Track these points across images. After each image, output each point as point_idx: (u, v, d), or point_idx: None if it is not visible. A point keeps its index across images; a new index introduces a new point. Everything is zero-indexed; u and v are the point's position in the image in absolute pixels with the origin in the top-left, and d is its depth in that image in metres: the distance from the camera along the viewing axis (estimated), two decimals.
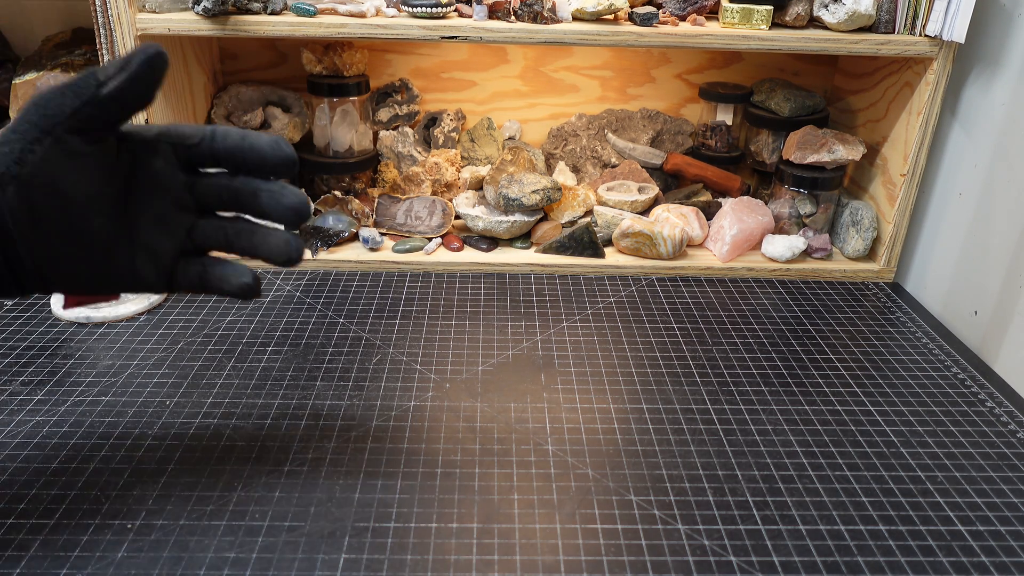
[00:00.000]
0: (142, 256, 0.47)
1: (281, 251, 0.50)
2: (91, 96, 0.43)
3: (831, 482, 0.57)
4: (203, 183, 0.49)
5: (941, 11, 0.78)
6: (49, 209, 0.43)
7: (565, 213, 0.94)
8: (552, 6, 0.81)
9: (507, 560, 0.49)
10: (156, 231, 0.48)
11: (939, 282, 0.86)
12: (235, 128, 0.48)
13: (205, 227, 0.50)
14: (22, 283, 0.45)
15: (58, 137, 0.43)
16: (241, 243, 0.50)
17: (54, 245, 0.44)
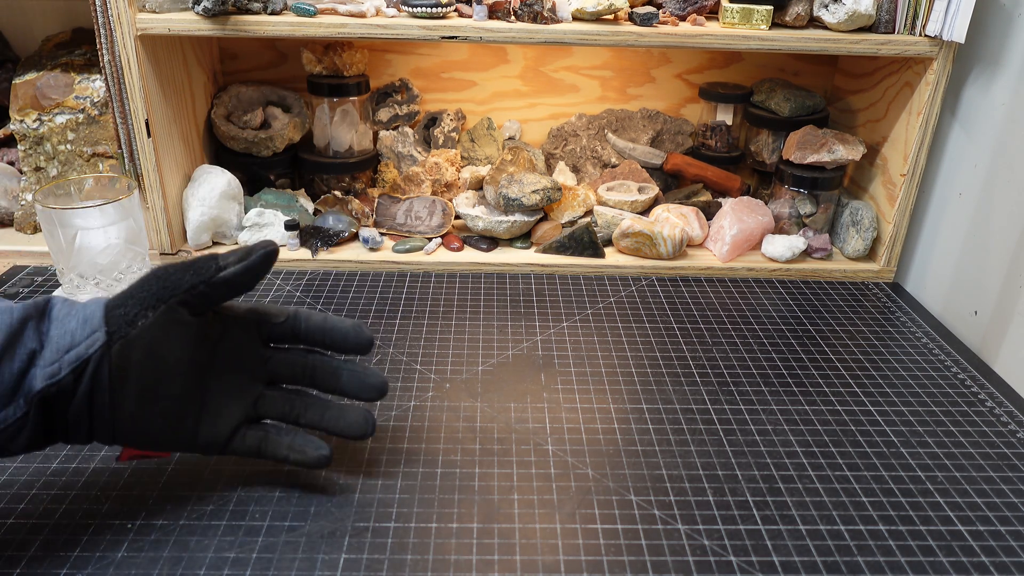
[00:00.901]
0: (208, 421, 0.51)
1: (359, 427, 0.55)
2: (209, 276, 0.49)
3: (831, 482, 0.57)
4: (279, 358, 0.54)
5: (941, 11, 0.78)
6: (143, 368, 0.48)
7: (565, 213, 0.94)
8: (552, 6, 0.81)
9: (507, 560, 0.49)
10: (227, 399, 0.52)
11: (939, 282, 0.86)
12: (316, 312, 0.54)
13: (271, 398, 0.54)
14: (92, 433, 0.48)
15: (170, 306, 0.48)
16: (309, 416, 0.54)
17: (136, 401, 0.48)
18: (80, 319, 0.47)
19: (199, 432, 0.51)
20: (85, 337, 0.46)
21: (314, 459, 0.53)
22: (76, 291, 0.75)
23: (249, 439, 0.53)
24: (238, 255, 0.50)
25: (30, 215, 0.92)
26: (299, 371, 0.55)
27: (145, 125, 0.81)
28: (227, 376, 0.52)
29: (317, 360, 0.55)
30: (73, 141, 0.91)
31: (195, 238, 0.88)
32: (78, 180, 0.77)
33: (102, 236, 0.74)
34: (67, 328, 0.46)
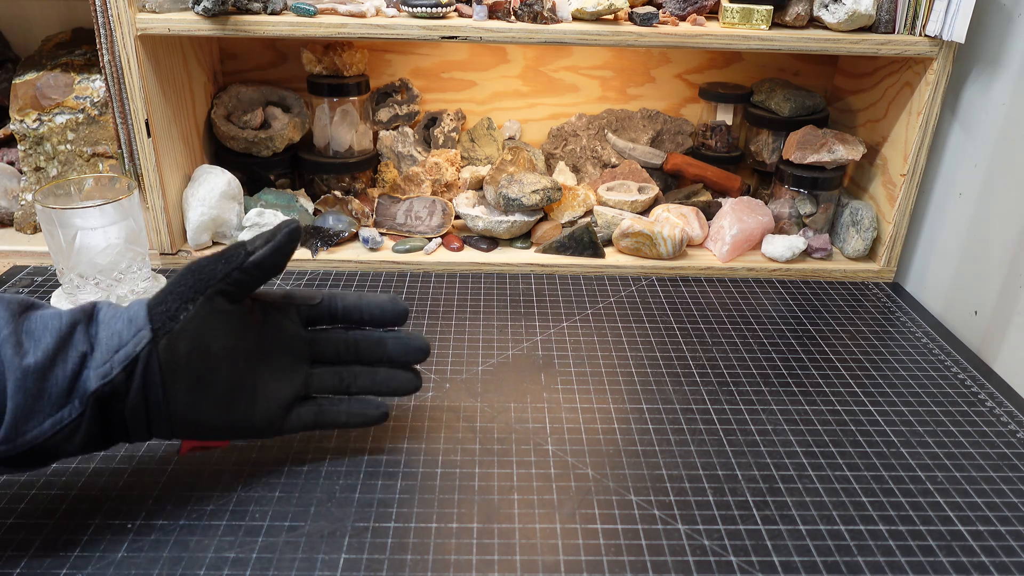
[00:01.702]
0: (261, 404, 0.53)
1: (412, 382, 0.58)
2: (240, 262, 0.51)
3: (831, 482, 0.57)
4: (322, 338, 0.57)
5: (941, 11, 0.78)
6: (191, 359, 0.49)
7: (565, 213, 0.94)
8: (552, 6, 0.81)
9: (507, 560, 0.49)
10: (277, 381, 0.54)
11: (939, 282, 0.86)
12: (349, 291, 0.57)
13: (320, 375, 0.56)
14: (151, 429, 0.50)
15: (208, 297, 0.50)
16: (360, 383, 0.57)
17: (188, 392, 0.49)
18: (125, 320, 0.48)
19: (255, 416, 0.53)
20: (132, 336, 0.47)
21: (377, 416, 0.57)
22: (76, 291, 0.75)
23: (304, 415, 0.55)
24: (264, 238, 0.52)
25: (30, 215, 0.92)
26: (343, 347, 0.57)
27: (145, 125, 0.81)
28: (274, 359, 0.54)
29: (359, 335, 0.57)
30: (73, 141, 0.91)
31: (195, 238, 0.88)
32: (78, 180, 0.77)
33: (102, 236, 0.74)
34: (114, 329, 0.48)
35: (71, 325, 0.47)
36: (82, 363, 0.46)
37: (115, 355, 0.47)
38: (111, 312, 0.49)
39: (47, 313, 0.48)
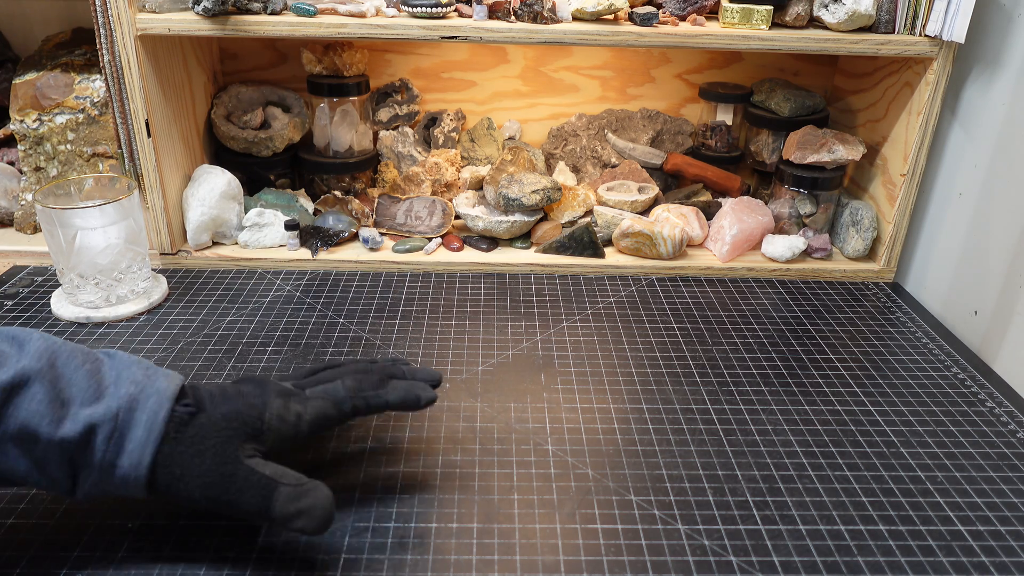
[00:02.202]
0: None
1: (434, 375, 0.58)
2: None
3: (831, 482, 0.57)
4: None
5: (941, 11, 0.78)
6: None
7: (565, 213, 0.94)
8: (552, 6, 0.81)
9: (507, 560, 0.49)
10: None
11: (939, 282, 0.86)
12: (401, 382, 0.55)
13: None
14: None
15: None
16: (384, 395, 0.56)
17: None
18: (120, 478, 0.46)
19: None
20: (126, 491, 0.47)
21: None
22: (76, 291, 0.76)
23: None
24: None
25: (30, 215, 0.92)
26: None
27: (145, 125, 0.81)
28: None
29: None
30: (73, 141, 0.91)
31: (195, 238, 0.88)
32: (78, 180, 0.77)
33: (102, 236, 0.74)
34: (110, 481, 0.46)
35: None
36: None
37: (105, 494, 0.47)
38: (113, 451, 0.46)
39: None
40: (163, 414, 0.46)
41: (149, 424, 0.46)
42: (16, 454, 0.45)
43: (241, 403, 0.49)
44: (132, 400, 0.46)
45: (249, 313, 0.78)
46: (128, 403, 0.46)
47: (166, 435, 0.46)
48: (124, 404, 0.46)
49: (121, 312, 0.76)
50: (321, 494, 0.47)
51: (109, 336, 0.73)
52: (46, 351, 0.46)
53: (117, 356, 0.49)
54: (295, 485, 0.47)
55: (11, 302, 0.79)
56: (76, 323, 0.75)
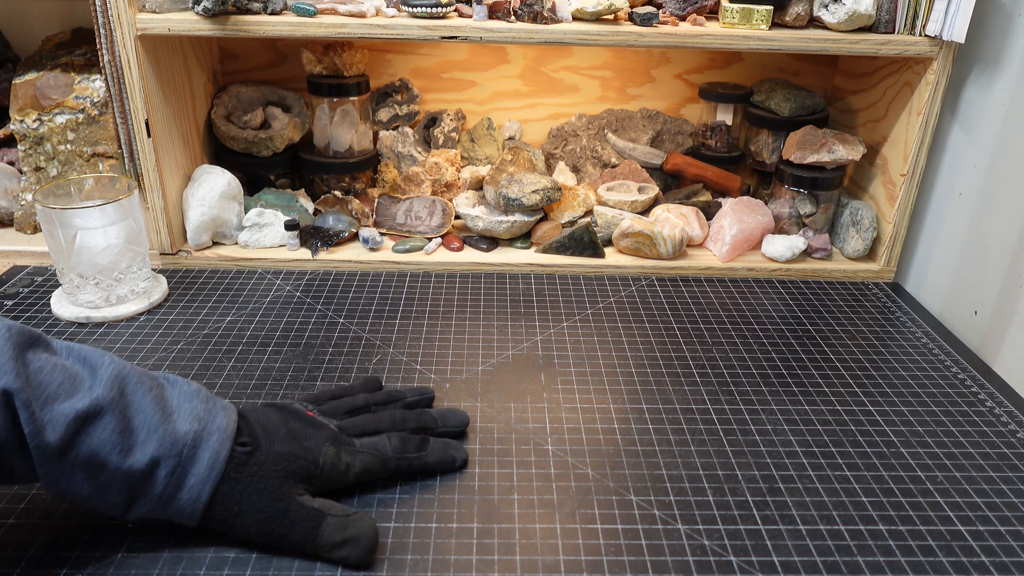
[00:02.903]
0: None
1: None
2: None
3: (831, 482, 0.57)
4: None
5: (941, 11, 0.78)
6: None
7: (565, 213, 0.94)
8: (552, 6, 0.81)
9: (507, 560, 0.49)
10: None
11: (939, 282, 0.86)
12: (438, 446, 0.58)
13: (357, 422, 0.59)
14: None
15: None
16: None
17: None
18: (176, 510, 0.48)
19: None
20: (180, 520, 0.48)
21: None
22: (76, 291, 0.76)
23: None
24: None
25: (30, 215, 0.92)
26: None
27: (145, 125, 0.81)
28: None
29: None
30: (73, 141, 0.91)
31: (195, 238, 0.88)
32: (78, 180, 0.77)
33: (102, 236, 0.74)
34: (165, 511, 0.48)
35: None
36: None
37: (153, 519, 0.49)
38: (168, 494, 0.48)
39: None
40: (224, 453, 0.48)
41: (211, 462, 0.48)
42: (83, 479, 0.46)
43: (296, 446, 0.51)
44: (196, 437, 0.48)
45: (249, 313, 0.78)
46: (193, 439, 0.48)
47: (226, 474, 0.48)
48: (189, 440, 0.48)
49: (121, 312, 0.76)
50: (366, 524, 0.49)
51: (109, 336, 0.73)
52: (117, 378, 0.48)
53: (177, 384, 0.51)
54: (341, 516, 0.49)
55: (11, 302, 0.79)
56: (76, 323, 0.75)
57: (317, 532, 0.48)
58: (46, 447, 0.44)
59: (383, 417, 0.58)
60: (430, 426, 0.59)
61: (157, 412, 0.48)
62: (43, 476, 0.45)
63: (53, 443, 0.44)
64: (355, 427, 0.56)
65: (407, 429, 0.57)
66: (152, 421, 0.47)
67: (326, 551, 0.48)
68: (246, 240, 0.90)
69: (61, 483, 0.45)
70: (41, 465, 0.44)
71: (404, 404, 0.62)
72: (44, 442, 0.44)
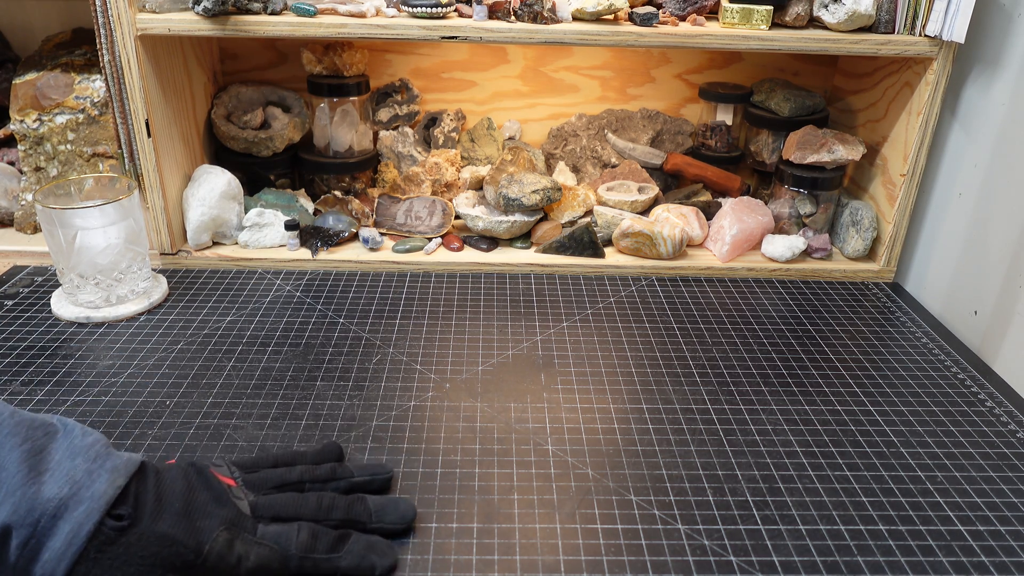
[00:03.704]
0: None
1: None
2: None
3: (831, 482, 0.57)
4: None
5: (941, 11, 0.78)
6: None
7: (565, 213, 0.94)
8: (552, 6, 0.81)
9: (507, 560, 0.49)
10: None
11: (939, 282, 0.86)
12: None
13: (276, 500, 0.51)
14: None
15: None
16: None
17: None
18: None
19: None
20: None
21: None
22: (76, 291, 0.76)
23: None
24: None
25: (30, 215, 0.92)
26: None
27: (145, 125, 0.81)
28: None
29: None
30: (73, 141, 0.91)
31: (195, 238, 0.88)
32: (78, 180, 0.77)
33: (102, 236, 0.74)
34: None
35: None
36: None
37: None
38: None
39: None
40: (88, 528, 0.42)
41: (70, 537, 0.42)
42: None
43: (184, 527, 0.45)
44: (61, 504, 0.42)
45: (249, 313, 0.78)
46: (55, 507, 0.42)
47: (85, 553, 0.42)
48: (50, 509, 0.42)
49: (121, 312, 0.76)
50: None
51: (109, 336, 0.73)
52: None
53: (71, 435, 0.45)
54: None
55: (11, 302, 0.79)
56: (76, 323, 0.75)
57: None
58: None
59: (308, 501, 0.50)
60: (360, 519, 0.51)
61: (21, 471, 0.42)
62: None
63: None
64: (271, 508, 0.49)
65: (331, 520, 0.50)
66: (12, 482, 0.41)
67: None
68: (246, 240, 0.90)
69: None
70: None
71: (347, 485, 0.53)
72: None
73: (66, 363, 0.69)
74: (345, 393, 0.66)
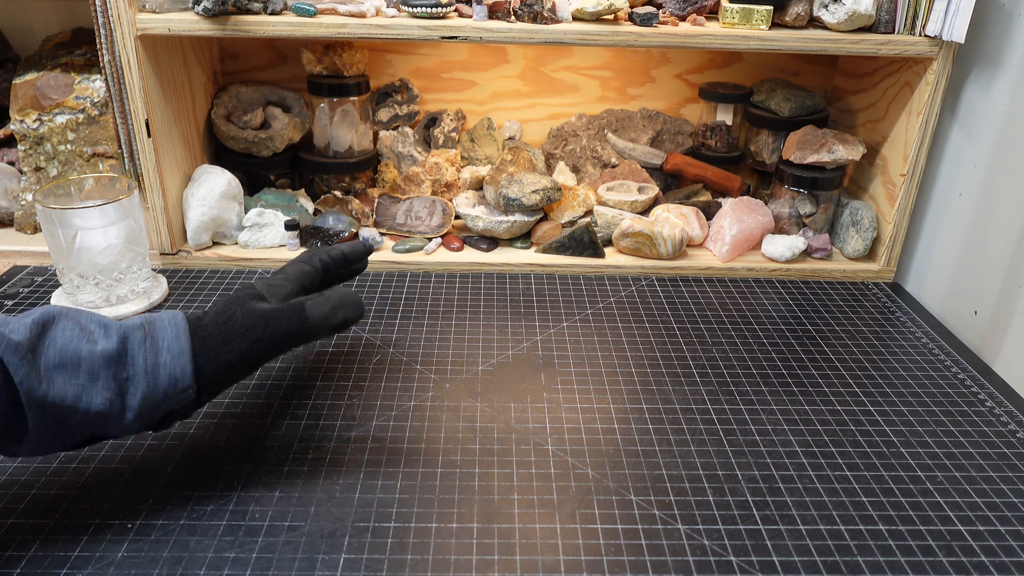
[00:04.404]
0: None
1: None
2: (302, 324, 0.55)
3: (831, 482, 0.57)
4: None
5: (941, 11, 0.78)
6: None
7: (565, 213, 0.94)
8: (552, 6, 0.81)
9: (507, 560, 0.49)
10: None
11: (939, 282, 0.86)
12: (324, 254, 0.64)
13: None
14: None
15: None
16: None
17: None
18: (168, 376, 0.49)
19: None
20: (177, 393, 0.49)
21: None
22: (76, 291, 0.75)
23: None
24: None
25: (30, 215, 0.92)
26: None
27: (145, 125, 0.81)
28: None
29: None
30: (73, 141, 0.91)
31: (195, 238, 0.88)
32: (78, 180, 0.77)
33: (102, 236, 0.74)
34: (158, 386, 0.49)
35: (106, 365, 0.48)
36: (109, 414, 0.48)
37: (155, 410, 0.49)
38: (151, 359, 0.49)
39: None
40: (180, 315, 0.51)
41: (173, 323, 0.50)
42: (62, 381, 0.46)
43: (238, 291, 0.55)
44: (147, 320, 0.50)
45: None
46: (143, 322, 0.50)
47: (192, 325, 0.50)
48: (143, 321, 0.50)
49: (121, 312, 0.76)
50: (343, 291, 0.54)
51: None
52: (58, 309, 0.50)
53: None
54: (317, 296, 0.52)
55: (11, 302, 0.79)
56: None
57: (304, 316, 0.51)
58: (16, 347, 0.45)
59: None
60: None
61: (100, 317, 0.50)
62: (24, 387, 0.45)
63: (21, 342, 0.45)
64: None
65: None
66: (100, 319, 0.50)
67: (321, 325, 0.51)
68: (246, 240, 0.90)
69: (43, 390, 0.45)
70: (17, 372, 0.44)
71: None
72: (12, 343, 0.45)
73: None
74: (345, 393, 0.66)
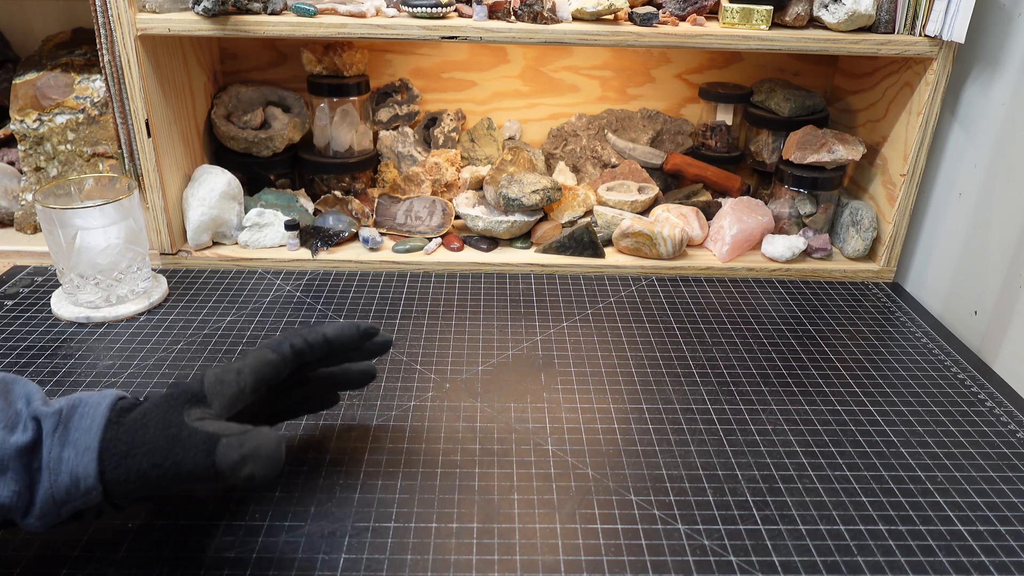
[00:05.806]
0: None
1: (370, 368, 0.60)
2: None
3: (831, 482, 0.57)
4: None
5: (941, 11, 0.78)
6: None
7: (565, 213, 0.94)
8: (552, 6, 0.81)
9: (507, 560, 0.49)
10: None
11: (939, 282, 0.86)
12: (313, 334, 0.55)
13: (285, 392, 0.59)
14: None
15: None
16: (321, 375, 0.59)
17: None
18: (69, 474, 0.45)
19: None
20: (80, 494, 0.45)
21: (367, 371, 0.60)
22: (76, 291, 0.76)
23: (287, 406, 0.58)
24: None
25: (30, 215, 0.92)
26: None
27: (145, 125, 0.81)
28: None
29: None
30: (73, 141, 0.91)
31: (195, 238, 0.88)
32: (78, 180, 0.77)
33: (102, 236, 0.74)
34: (59, 483, 0.45)
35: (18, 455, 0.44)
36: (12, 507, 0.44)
37: (61, 509, 0.45)
38: (55, 454, 0.45)
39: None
40: (106, 403, 0.47)
41: (92, 412, 0.46)
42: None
43: (182, 383, 0.49)
44: (73, 400, 0.47)
45: (249, 313, 0.78)
46: (69, 403, 0.46)
47: (109, 420, 0.46)
48: (66, 404, 0.46)
49: (121, 312, 0.76)
50: (264, 436, 0.45)
51: (109, 336, 0.73)
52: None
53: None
54: (238, 434, 0.45)
55: (11, 302, 0.79)
56: (76, 323, 0.75)
57: (211, 457, 0.44)
58: None
59: None
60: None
61: (34, 392, 0.47)
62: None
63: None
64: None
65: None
66: (30, 398, 0.47)
67: (228, 473, 0.44)
68: (246, 240, 0.90)
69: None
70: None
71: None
72: None
73: (66, 363, 0.69)
74: (345, 393, 0.66)
